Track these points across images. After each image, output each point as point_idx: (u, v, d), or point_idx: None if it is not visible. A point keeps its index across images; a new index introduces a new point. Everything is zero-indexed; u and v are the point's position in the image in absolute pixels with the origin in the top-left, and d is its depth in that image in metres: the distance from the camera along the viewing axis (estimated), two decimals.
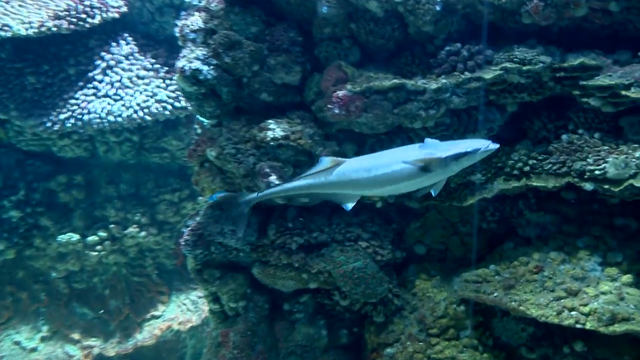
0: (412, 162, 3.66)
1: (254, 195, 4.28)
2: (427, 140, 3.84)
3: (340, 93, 4.35)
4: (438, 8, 4.28)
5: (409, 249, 5.01)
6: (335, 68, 4.47)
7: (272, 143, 4.50)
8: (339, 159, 3.99)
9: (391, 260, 4.83)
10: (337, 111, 4.36)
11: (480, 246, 4.86)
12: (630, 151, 4.05)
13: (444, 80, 4.31)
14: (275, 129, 4.52)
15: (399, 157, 3.73)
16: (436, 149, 3.70)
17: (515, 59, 4.24)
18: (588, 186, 4.17)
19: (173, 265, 8.21)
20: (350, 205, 4.09)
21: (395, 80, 4.31)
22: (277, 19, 4.70)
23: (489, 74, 4.25)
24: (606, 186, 4.07)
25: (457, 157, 3.64)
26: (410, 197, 4.75)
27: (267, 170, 4.50)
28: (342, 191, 4.03)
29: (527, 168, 4.40)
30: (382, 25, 4.48)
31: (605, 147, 4.17)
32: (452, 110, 4.44)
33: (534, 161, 4.39)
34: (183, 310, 8.05)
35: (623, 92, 3.95)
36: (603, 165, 4.09)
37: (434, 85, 4.29)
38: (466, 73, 4.31)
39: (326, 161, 3.98)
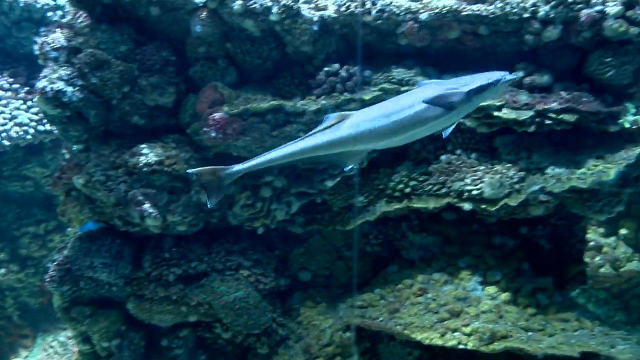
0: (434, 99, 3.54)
1: (241, 166, 3.70)
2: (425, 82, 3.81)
3: (217, 115, 4.47)
4: (315, 28, 4.53)
5: (294, 275, 5.19)
6: (210, 89, 4.59)
7: (145, 169, 4.54)
8: (345, 112, 3.71)
9: (275, 288, 4.98)
10: (213, 134, 4.48)
11: (365, 270, 5.11)
12: (504, 171, 4.44)
13: (324, 102, 4.55)
14: (148, 154, 4.57)
15: (417, 98, 3.55)
16: (456, 84, 3.62)
17: (393, 80, 4.55)
18: (467, 206, 4.51)
19: (39, 304, 7.93)
20: (350, 165, 3.86)
21: (273, 102, 4.50)
22: (149, 38, 4.76)
23: (368, 95, 4.53)
24: (483, 206, 4.44)
25: (480, 90, 3.56)
26: (293, 222, 4.93)
27: (141, 197, 4.54)
28: (353, 147, 3.73)
29: (408, 189, 4.69)
30: (259, 45, 4.65)
31: (482, 167, 4.54)
32: None
33: (415, 182, 4.69)
34: (50, 354, 7.78)
35: (495, 113, 4.35)
36: (480, 185, 4.46)
37: (313, 107, 4.52)
38: (345, 94, 4.57)
39: (332, 117, 3.67)
